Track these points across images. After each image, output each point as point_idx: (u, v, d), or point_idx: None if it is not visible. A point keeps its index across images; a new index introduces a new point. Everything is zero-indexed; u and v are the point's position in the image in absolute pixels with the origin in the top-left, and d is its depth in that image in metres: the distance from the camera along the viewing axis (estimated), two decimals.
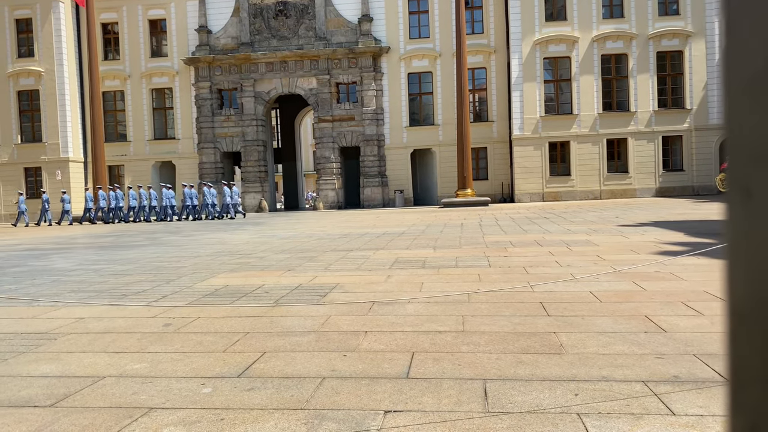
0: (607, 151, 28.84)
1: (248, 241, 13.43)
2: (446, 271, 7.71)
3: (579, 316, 4.87)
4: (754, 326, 0.47)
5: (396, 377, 3.49)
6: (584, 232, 12.34)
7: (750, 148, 0.46)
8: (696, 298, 5.40)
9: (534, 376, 3.42)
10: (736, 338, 0.49)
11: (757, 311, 0.46)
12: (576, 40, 28.68)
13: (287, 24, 31.29)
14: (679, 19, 28.38)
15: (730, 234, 0.49)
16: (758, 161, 0.45)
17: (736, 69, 0.47)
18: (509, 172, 30.20)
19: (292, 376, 3.58)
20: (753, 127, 0.45)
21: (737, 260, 0.48)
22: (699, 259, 7.64)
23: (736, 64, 0.47)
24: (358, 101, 30.92)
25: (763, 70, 0.44)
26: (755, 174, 0.46)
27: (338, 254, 10.07)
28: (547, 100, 29.15)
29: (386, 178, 30.87)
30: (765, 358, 0.46)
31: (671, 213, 16.90)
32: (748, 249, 0.47)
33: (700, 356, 3.68)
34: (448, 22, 30.01)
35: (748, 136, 0.46)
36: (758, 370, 0.47)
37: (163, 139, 32.75)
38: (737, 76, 0.47)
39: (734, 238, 0.48)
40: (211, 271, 8.53)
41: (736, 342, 0.49)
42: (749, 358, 0.47)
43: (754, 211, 0.46)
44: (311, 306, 5.68)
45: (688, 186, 28.41)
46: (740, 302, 0.48)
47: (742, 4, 0.46)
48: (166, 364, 3.92)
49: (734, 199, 0.48)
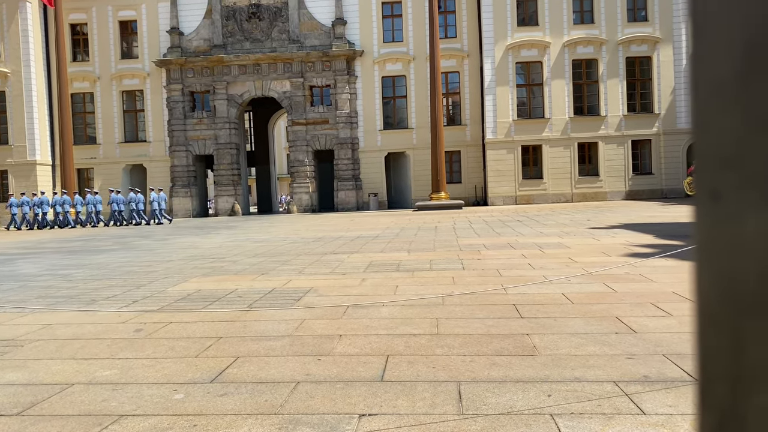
0: (578, 155, 29.25)
1: (221, 245, 13.30)
2: (421, 274, 7.73)
3: (551, 317, 4.92)
4: (722, 327, 0.47)
5: (370, 380, 3.48)
6: (556, 234, 12.48)
7: (717, 151, 0.46)
8: (665, 299, 5.50)
9: (507, 378, 3.44)
10: (704, 338, 0.49)
11: (725, 312, 0.47)
12: (547, 45, 29.06)
13: (260, 26, 31.10)
14: (647, 26, 28.94)
15: (699, 236, 0.49)
16: (725, 164, 0.46)
17: (703, 73, 0.47)
18: (482, 176, 30.42)
19: (266, 380, 3.55)
20: (720, 130, 0.46)
21: (705, 262, 0.48)
22: (668, 261, 7.78)
23: (703, 68, 0.47)
24: (332, 104, 30.87)
25: (729, 74, 0.45)
26: (723, 176, 0.46)
27: (312, 258, 10.03)
28: (519, 104, 29.47)
29: (360, 182, 30.86)
30: (733, 358, 0.46)
31: (641, 216, 17.20)
32: (715, 251, 0.47)
33: (670, 356, 3.74)
34: (421, 26, 30.16)
35: (715, 139, 0.47)
36: (726, 369, 0.47)
37: (134, 141, 32.26)
38: (705, 80, 0.47)
39: (702, 240, 0.49)
40: (183, 275, 8.42)
41: (705, 342, 0.49)
42: (717, 357, 0.48)
43: (721, 214, 0.47)
44: (285, 310, 5.64)
45: (657, 189, 28.95)
46: (708, 303, 0.48)
47: (709, 10, 0.46)
48: (137, 370, 3.86)
49: (702, 201, 0.49)
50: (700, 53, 0.47)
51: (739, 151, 0.45)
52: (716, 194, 0.47)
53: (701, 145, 0.48)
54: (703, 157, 0.48)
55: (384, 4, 30.96)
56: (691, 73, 0.49)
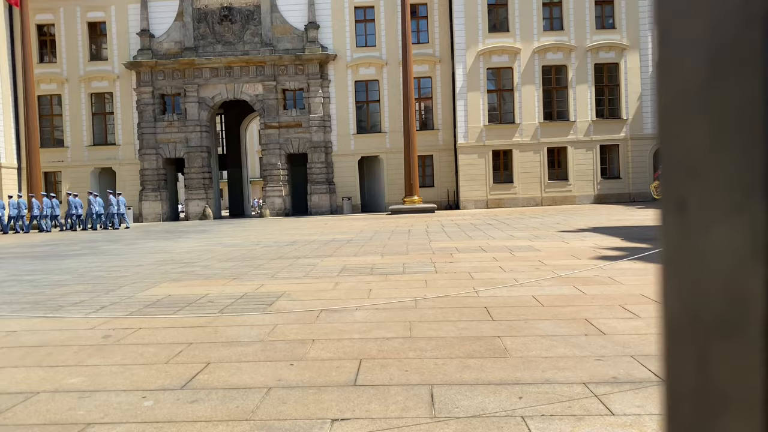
0: (547, 160, 29.65)
1: (192, 250, 13.14)
2: (394, 277, 7.74)
3: (522, 320, 4.98)
4: (689, 340, 0.46)
5: (343, 385, 3.48)
6: (527, 238, 12.62)
7: (684, 159, 0.45)
8: (633, 301, 5.60)
9: (479, 381, 3.47)
10: (670, 357, 0.48)
11: (692, 325, 0.45)
12: (518, 52, 29.41)
13: (232, 29, 30.88)
14: (615, 33, 29.50)
15: (665, 247, 0.48)
16: (691, 173, 0.45)
17: (668, 80, 0.46)
18: (454, 180, 30.63)
19: (238, 386, 3.52)
20: (686, 138, 0.45)
21: (672, 273, 0.47)
22: (635, 264, 7.93)
23: (668, 75, 0.46)
24: (305, 108, 30.77)
25: (695, 81, 0.44)
26: (688, 186, 0.45)
27: (285, 262, 9.97)
28: (490, 109, 29.76)
29: (334, 185, 30.80)
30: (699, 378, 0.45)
31: (609, 219, 17.49)
32: (681, 265, 0.46)
33: (637, 357, 3.82)
34: (394, 31, 30.27)
35: (681, 147, 0.46)
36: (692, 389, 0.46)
37: (103, 144, 31.70)
38: (670, 88, 0.46)
39: (669, 251, 0.47)
40: (152, 280, 8.30)
41: (671, 361, 0.48)
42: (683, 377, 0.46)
43: (687, 226, 0.45)
44: (257, 315, 5.60)
45: (625, 193, 29.48)
46: (675, 316, 0.47)
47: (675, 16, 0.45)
48: (105, 377, 3.79)
49: (667, 212, 0.47)
50: (666, 60, 0.47)
51: (705, 160, 0.43)
52: (682, 205, 0.45)
53: (667, 154, 0.47)
54: (668, 166, 0.47)
55: (357, 8, 31.02)
56: (657, 81, 0.48)
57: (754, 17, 0.39)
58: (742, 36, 0.40)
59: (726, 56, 0.41)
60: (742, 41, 0.40)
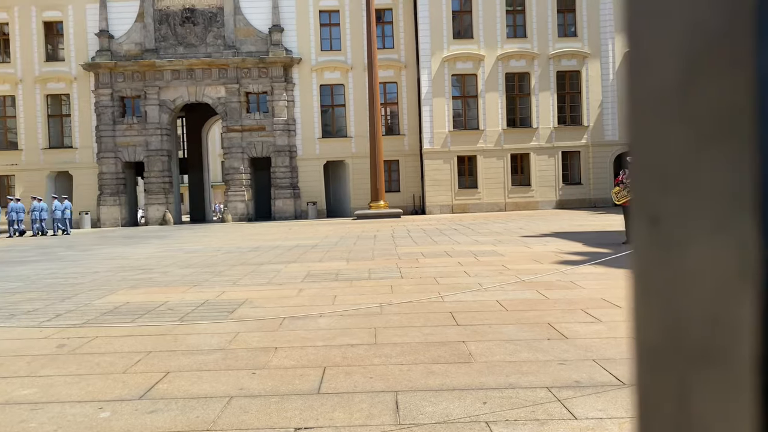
0: (511, 165, 30.03)
1: (151, 256, 12.86)
2: (359, 283, 7.70)
3: (487, 324, 5.00)
4: (666, 370, 0.41)
5: (307, 393, 3.43)
6: (491, 242, 12.74)
7: (659, 168, 0.41)
8: (594, 305, 5.68)
9: (444, 386, 3.46)
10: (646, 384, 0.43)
11: (670, 353, 0.41)
12: (482, 58, 29.74)
13: (195, 31, 30.44)
14: (576, 41, 30.09)
15: (637, 265, 0.43)
16: (668, 184, 0.41)
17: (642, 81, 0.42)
18: (420, 185, 30.75)
19: (198, 396, 3.44)
20: (662, 145, 0.41)
21: (645, 294, 0.43)
22: (596, 268, 8.06)
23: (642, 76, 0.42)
24: (269, 111, 30.49)
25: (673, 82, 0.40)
26: (665, 198, 0.41)
27: (248, 268, 9.83)
28: (455, 115, 30.00)
29: (298, 190, 30.58)
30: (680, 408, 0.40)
31: (571, 224, 17.79)
32: (657, 282, 0.42)
33: (599, 361, 3.86)
34: (359, 36, 30.29)
35: (656, 155, 0.41)
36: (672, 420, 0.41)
37: (60, 147, 30.84)
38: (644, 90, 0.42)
39: (642, 269, 0.43)
40: (110, 287, 8.08)
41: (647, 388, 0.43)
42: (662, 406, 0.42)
43: (663, 241, 0.41)
44: (218, 323, 5.50)
45: (586, 198, 30.04)
46: (650, 341, 0.42)
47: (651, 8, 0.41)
48: (60, 388, 3.66)
49: (641, 226, 0.43)
50: (638, 60, 0.42)
51: (683, 169, 0.39)
52: (656, 219, 0.42)
53: (639, 163, 0.43)
54: (641, 177, 0.43)
55: (322, 12, 30.93)
56: (628, 83, 0.44)
57: (741, 10, 0.35)
58: (728, 31, 0.36)
59: (709, 54, 0.37)
60: (728, 37, 0.36)
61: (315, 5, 30.79)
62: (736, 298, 0.36)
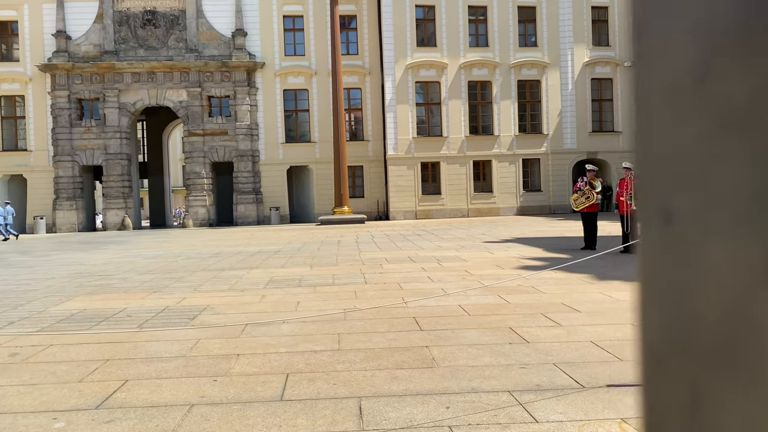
0: (473, 172, 30.36)
1: (109, 261, 12.56)
2: (323, 289, 7.67)
3: (450, 329, 5.04)
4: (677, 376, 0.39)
5: (270, 400, 3.40)
6: (454, 248, 12.84)
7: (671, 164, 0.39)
8: (555, 309, 5.78)
9: (408, 391, 3.47)
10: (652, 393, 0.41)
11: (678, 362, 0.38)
12: (445, 66, 30.04)
13: (156, 34, 29.95)
14: (537, 51, 30.66)
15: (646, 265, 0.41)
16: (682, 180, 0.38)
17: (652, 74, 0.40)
18: (384, 191, 30.82)
19: (158, 404, 3.37)
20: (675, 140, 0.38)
21: (656, 294, 0.40)
22: (556, 273, 8.21)
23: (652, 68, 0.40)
24: (231, 115, 30.16)
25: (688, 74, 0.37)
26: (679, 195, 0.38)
27: (209, 274, 9.69)
28: (419, 122, 30.20)
29: (261, 195, 30.30)
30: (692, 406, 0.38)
31: (531, 230, 18.07)
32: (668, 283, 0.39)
33: (559, 365, 3.93)
34: (323, 42, 30.23)
35: (668, 150, 0.39)
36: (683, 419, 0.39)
37: (13, 150, 29.89)
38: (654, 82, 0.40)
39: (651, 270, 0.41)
40: (66, 294, 7.86)
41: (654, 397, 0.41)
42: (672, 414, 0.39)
43: (677, 240, 0.38)
44: (179, 330, 5.40)
45: (546, 205, 30.57)
46: (657, 351, 0.40)
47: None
48: (12, 398, 3.54)
49: (650, 224, 0.40)
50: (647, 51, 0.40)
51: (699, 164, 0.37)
52: (668, 217, 0.39)
53: (647, 159, 0.41)
54: (650, 173, 0.40)
55: (285, 17, 30.79)
56: (635, 76, 0.41)
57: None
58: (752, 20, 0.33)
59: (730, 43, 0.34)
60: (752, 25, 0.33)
61: (279, 10, 30.64)
62: (759, 299, 0.33)
